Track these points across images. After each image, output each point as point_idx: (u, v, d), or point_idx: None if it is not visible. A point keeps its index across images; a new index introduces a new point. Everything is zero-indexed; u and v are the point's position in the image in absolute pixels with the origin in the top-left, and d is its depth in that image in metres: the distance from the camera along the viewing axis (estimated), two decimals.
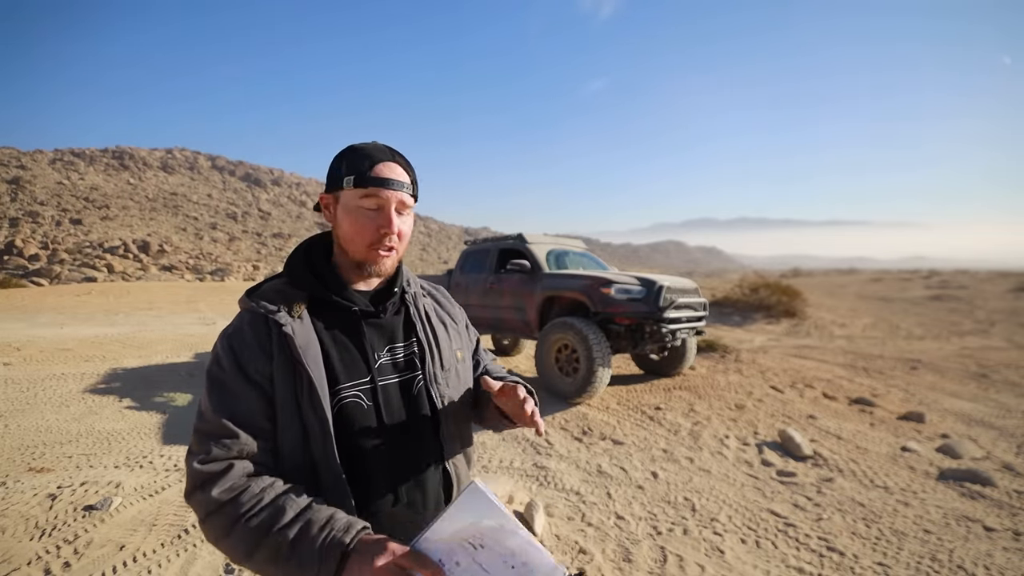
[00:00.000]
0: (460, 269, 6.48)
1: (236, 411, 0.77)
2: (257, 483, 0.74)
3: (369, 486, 0.83)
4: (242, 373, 0.79)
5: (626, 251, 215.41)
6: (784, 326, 11.92)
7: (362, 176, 0.83)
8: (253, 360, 0.79)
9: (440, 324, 1.01)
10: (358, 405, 0.84)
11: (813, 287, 18.45)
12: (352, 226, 0.85)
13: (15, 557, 2.18)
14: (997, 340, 9.61)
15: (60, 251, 30.00)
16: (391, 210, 0.85)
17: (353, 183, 0.83)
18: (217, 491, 0.71)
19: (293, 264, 0.90)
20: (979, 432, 4.31)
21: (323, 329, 0.85)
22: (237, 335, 0.81)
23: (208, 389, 0.79)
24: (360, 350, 0.87)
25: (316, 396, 0.78)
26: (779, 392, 5.30)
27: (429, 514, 0.88)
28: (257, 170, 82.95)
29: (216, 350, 0.82)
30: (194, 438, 0.78)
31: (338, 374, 0.82)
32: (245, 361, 0.79)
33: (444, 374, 0.95)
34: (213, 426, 0.76)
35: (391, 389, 0.88)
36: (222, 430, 0.76)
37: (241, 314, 0.85)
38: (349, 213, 0.85)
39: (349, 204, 0.84)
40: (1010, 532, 2.69)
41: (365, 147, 0.86)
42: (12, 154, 56.74)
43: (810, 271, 37.94)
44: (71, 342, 7.49)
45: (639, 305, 4.68)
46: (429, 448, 0.92)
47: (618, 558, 2.44)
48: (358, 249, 0.86)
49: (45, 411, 4.36)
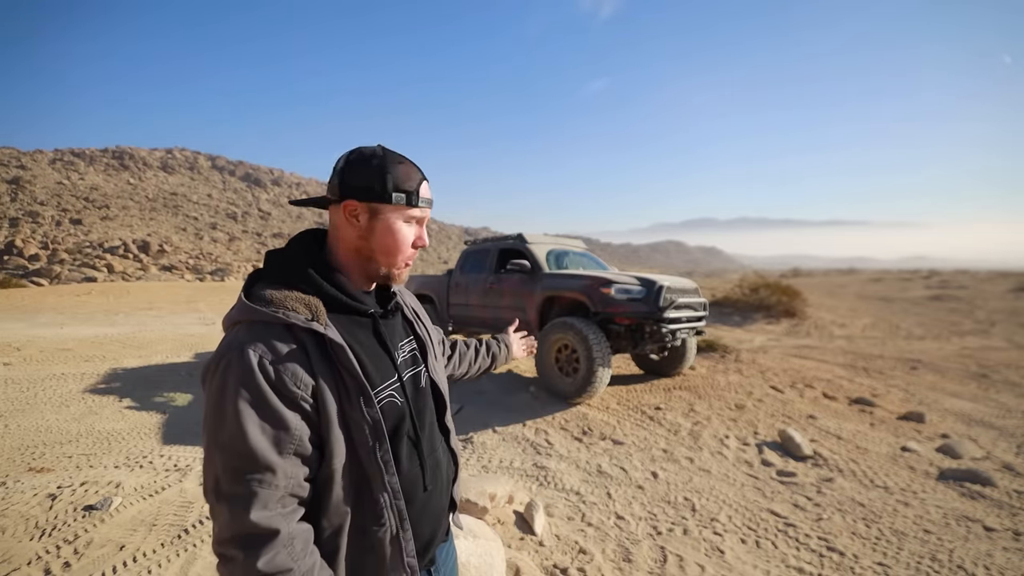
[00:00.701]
0: (460, 269, 6.48)
1: (281, 438, 0.70)
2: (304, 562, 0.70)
3: (402, 476, 0.84)
4: (280, 394, 0.71)
5: (626, 251, 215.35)
6: (784, 326, 11.92)
7: (412, 196, 0.84)
8: (293, 376, 0.72)
9: (425, 318, 1.09)
10: (393, 404, 0.85)
11: (813, 287, 18.44)
12: (394, 242, 0.86)
13: (15, 557, 2.18)
14: (997, 340, 9.61)
15: (60, 251, 30.00)
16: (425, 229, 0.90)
17: (404, 201, 0.84)
18: (263, 562, 0.66)
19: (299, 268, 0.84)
20: (979, 432, 4.31)
21: (346, 333, 0.83)
22: (265, 351, 0.72)
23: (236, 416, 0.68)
24: (385, 350, 0.88)
25: (367, 401, 0.78)
26: (779, 392, 5.30)
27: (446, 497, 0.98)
28: (257, 170, 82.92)
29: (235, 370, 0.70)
30: (226, 475, 0.68)
31: (372, 377, 0.82)
32: (284, 379, 0.72)
33: (437, 364, 1.03)
34: (254, 461, 0.68)
35: (408, 384, 0.91)
36: (267, 464, 0.69)
37: (254, 328, 0.75)
38: (392, 229, 0.85)
39: (394, 220, 0.85)
40: (1010, 532, 2.69)
41: (403, 161, 0.85)
42: (12, 154, 56.72)
43: (810, 271, 37.94)
44: (71, 342, 7.49)
45: (639, 305, 4.67)
46: (439, 434, 0.99)
47: (618, 558, 2.44)
48: (392, 262, 0.87)
49: (45, 411, 4.36)
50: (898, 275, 25.93)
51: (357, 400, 0.77)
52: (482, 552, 2.04)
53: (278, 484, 0.69)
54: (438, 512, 0.94)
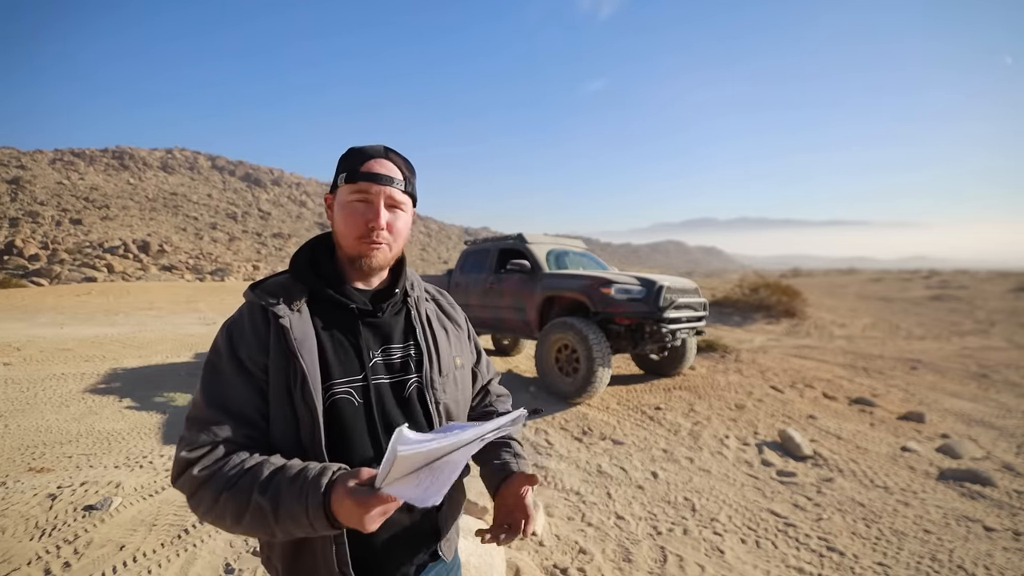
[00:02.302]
0: (460, 269, 6.48)
1: (227, 399, 0.79)
2: (237, 456, 0.76)
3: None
4: (236, 361, 0.81)
5: (626, 251, 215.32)
6: (784, 326, 11.92)
7: (353, 172, 0.87)
8: (249, 349, 0.81)
9: (441, 329, 1.01)
10: (349, 402, 0.84)
11: (813, 287, 18.45)
12: (343, 220, 0.88)
13: (15, 557, 2.18)
14: (997, 340, 9.61)
15: (60, 251, 30.00)
16: (380, 204, 0.87)
17: (345, 179, 0.87)
18: (198, 469, 0.74)
19: (297, 260, 0.92)
20: (979, 432, 4.31)
21: (321, 324, 0.86)
22: (236, 325, 0.84)
23: (203, 377, 0.81)
24: (355, 348, 0.87)
25: (308, 388, 0.79)
26: (779, 392, 5.30)
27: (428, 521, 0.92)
28: (257, 170, 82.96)
29: (216, 340, 0.84)
30: (185, 426, 0.79)
31: (332, 369, 0.83)
32: (241, 350, 0.81)
33: (441, 380, 0.95)
34: (203, 413, 0.78)
35: (384, 389, 0.88)
36: (212, 417, 0.77)
37: (243, 306, 0.88)
38: (341, 208, 0.88)
39: (341, 200, 0.88)
40: (1010, 532, 2.69)
41: (362, 147, 0.90)
42: (12, 154, 56.73)
43: (810, 271, 37.94)
44: (71, 342, 7.49)
45: (639, 305, 4.68)
46: None
47: (618, 558, 2.44)
48: (349, 243, 0.89)
49: (45, 411, 4.36)
50: (898, 275, 25.93)
51: (299, 386, 0.80)
52: (482, 552, 2.04)
53: (217, 434, 0.77)
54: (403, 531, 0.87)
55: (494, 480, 1.01)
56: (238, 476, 0.73)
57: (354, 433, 0.84)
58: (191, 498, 0.76)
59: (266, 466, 0.74)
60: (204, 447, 0.76)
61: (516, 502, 0.95)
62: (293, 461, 0.75)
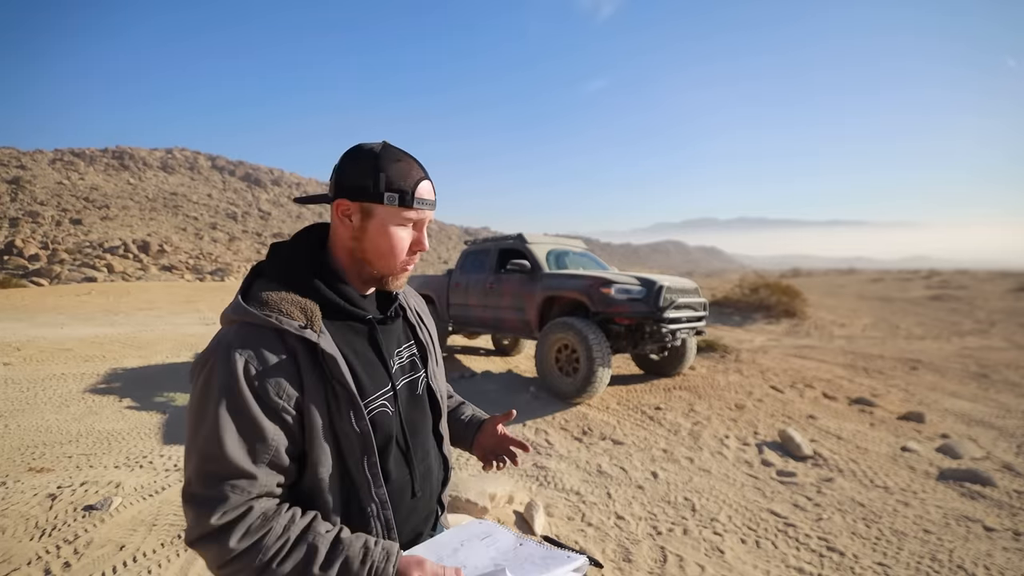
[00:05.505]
0: (460, 269, 6.48)
1: (256, 448, 0.69)
2: (278, 522, 0.68)
3: (390, 484, 0.83)
4: (262, 402, 0.70)
5: (626, 251, 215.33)
6: (784, 326, 11.92)
7: (407, 196, 0.79)
8: (276, 386, 0.70)
9: (429, 321, 1.04)
10: (384, 413, 0.82)
11: (813, 287, 18.44)
12: (388, 244, 0.81)
13: (15, 557, 2.18)
14: (997, 340, 9.61)
15: (60, 251, 29.99)
16: (425, 230, 0.85)
17: (398, 202, 0.79)
18: (235, 540, 0.65)
19: (297, 269, 0.81)
20: (979, 432, 4.31)
21: (341, 340, 0.80)
22: (252, 357, 0.70)
23: (211, 422, 0.67)
24: (380, 358, 0.85)
25: (359, 412, 0.76)
26: (779, 392, 5.30)
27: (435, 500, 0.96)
28: (257, 170, 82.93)
29: (220, 373, 0.69)
30: (198, 478, 0.67)
31: (365, 386, 0.80)
32: (267, 388, 0.70)
33: (437, 370, 0.99)
34: (226, 467, 0.67)
35: (402, 392, 0.89)
36: (239, 472, 0.67)
37: (242, 328, 0.74)
38: (386, 231, 0.80)
39: (388, 221, 0.80)
40: (1010, 532, 2.69)
41: (401, 159, 0.80)
42: (12, 154, 56.72)
43: (810, 271, 37.92)
44: (71, 342, 7.49)
45: (639, 305, 4.67)
46: (432, 441, 0.96)
47: (618, 558, 2.44)
48: (388, 265, 0.83)
49: (45, 411, 4.36)
50: (898, 275, 25.92)
51: (347, 412, 0.75)
52: None
53: (249, 491, 0.68)
54: (425, 515, 0.93)
55: (468, 434, 1.10)
56: (287, 547, 0.67)
57: (390, 443, 0.83)
58: (222, 568, 0.66)
59: (318, 539, 0.69)
60: (238, 509, 0.66)
61: (499, 440, 1.05)
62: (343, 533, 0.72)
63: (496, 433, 1.06)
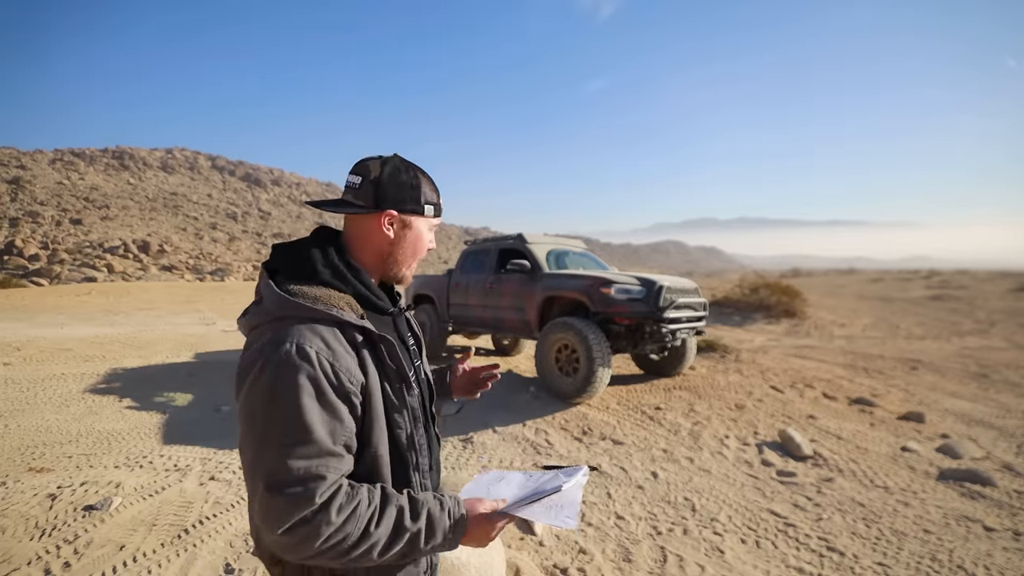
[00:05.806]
0: (460, 269, 6.48)
1: (337, 430, 0.76)
2: (361, 493, 0.77)
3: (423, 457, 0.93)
4: (337, 390, 0.76)
5: (626, 251, 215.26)
6: (784, 326, 11.92)
7: (438, 207, 0.95)
8: (347, 373, 0.78)
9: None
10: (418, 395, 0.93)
11: (813, 287, 18.44)
12: (420, 248, 0.96)
13: (15, 557, 2.18)
14: (997, 340, 9.61)
15: (60, 251, 29.98)
16: None
17: (434, 213, 0.94)
18: (335, 514, 0.71)
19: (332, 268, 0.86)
20: (979, 432, 4.31)
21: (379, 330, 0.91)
22: (322, 348, 0.76)
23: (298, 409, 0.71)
24: (403, 345, 0.96)
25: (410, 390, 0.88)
26: (779, 392, 5.30)
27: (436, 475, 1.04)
28: (257, 170, 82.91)
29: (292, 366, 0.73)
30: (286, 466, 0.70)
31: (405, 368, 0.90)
32: (340, 375, 0.77)
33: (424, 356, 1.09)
34: (317, 450, 0.72)
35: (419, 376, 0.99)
36: (329, 452, 0.74)
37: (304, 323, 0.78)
38: (420, 237, 0.95)
39: (422, 229, 0.94)
40: (1010, 532, 2.69)
41: (425, 174, 0.94)
42: (12, 154, 56.70)
43: (810, 271, 37.93)
44: (71, 342, 7.48)
45: (639, 305, 4.68)
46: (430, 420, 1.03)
47: (618, 558, 2.44)
48: (411, 266, 0.97)
49: (45, 411, 4.36)
50: (898, 275, 25.92)
51: (401, 391, 0.86)
52: (482, 552, 2.04)
53: (339, 469, 0.75)
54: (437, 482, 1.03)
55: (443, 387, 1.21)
56: (378, 512, 0.76)
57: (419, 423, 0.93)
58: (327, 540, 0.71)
59: (399, 499, 0.80)
60: (333, 487, 0.73)
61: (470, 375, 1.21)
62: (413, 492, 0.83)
63: (465, 372, 1.22)
